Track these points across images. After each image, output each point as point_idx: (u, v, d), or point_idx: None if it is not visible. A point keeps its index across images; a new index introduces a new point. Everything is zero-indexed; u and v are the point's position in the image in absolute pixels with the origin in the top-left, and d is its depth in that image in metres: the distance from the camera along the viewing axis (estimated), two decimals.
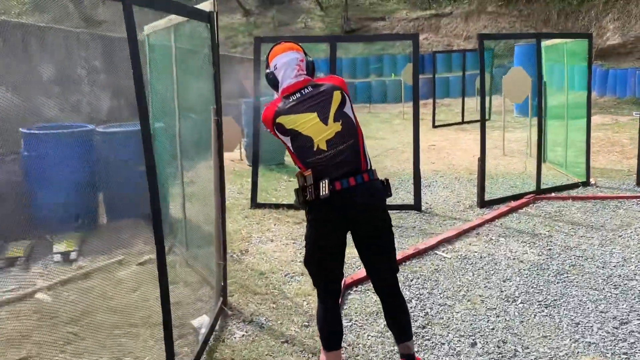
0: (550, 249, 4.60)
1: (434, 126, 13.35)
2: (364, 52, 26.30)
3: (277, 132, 2.50)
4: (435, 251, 4.61)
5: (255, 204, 6.02)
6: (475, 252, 4.58)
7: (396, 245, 2.68)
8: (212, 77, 3.37)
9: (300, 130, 2.44)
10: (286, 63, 2.54)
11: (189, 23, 3.70)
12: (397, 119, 15.69)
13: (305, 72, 2.57)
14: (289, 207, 5.98)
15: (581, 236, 4.91)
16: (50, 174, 4.68)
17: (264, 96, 6.38)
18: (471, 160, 8.79)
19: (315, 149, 2.43)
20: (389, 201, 2.73)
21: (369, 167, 2.52)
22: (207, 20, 3.29)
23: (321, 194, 2.35)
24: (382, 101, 20.28)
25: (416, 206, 5.84)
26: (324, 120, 2.43)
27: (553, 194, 6.31)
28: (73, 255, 4.45)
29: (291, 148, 2.51)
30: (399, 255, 4.42)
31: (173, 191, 4.77)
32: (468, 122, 13.45)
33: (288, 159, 8.89)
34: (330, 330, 2.61)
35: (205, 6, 3.35)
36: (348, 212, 2.43)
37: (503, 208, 5.70)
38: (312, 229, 2.53)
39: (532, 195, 6.08)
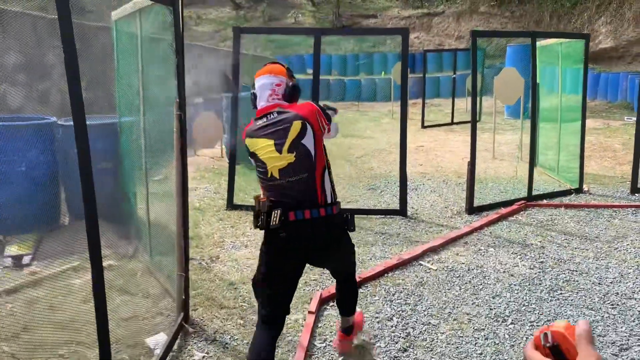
0: (542, 262, 4.30)
1: (423, 126, 13.06)
2: (354, 49, 25.97)
3: (247, 152, 2.50)
4: (420, 261, 4.29)
5: (231, 206, 5.67)
6: (463, 263, 4.27)
7: (380, 254, 2.97)
8: (175, 67, 3.02)
9: (258, 155, 2.42)
10: (262, 86, 2.51)
11: (154, 8, 3.35)
12: (386, 117, 15.40)
13: (279, 97, 2.49)
14: None
15: (575, 248, 4.63)
16: (4, 169, 4.29)
17: (244, 90, 6.03)
18: (460, 162, 8.50)
19: (269, 175, 2.40)
20: (375, 205, 2.41)
21: (328, 201, 2.42)
22: (170, 3, 2.93)
23: (271, 223, 2.32)
24: (371, 99, 20.01)
25: (402, 211, 5.53)
26: (279, 149, 2.37)
27: (545, 201, 6.03)
28: (26, 260, 4.07)
29: (257, 170, 2.48)
30: (382, 266, 4.11)
31: (141, 190, 4.40)
32: (458, 123, 13.19)
33: None
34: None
35: None
36: (301, 245, 2.39)
37: (492, 215, 5.41)
38: (265, 255, 2.46)
39: (523, 201, 5.79)
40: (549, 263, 4.28)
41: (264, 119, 2.42)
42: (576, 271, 4.12)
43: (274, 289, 2.43)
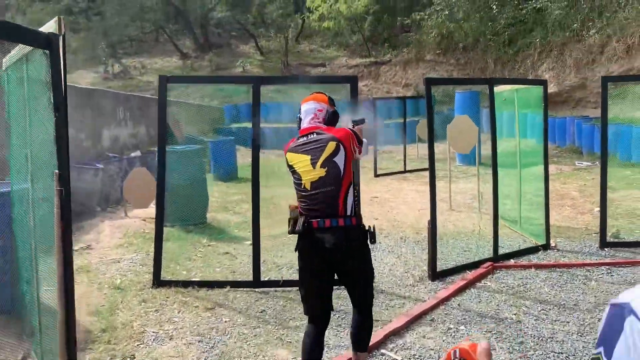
0: (522, 342, 3.68)
1: (376, 175, 12.59)
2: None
3: (286, 165, 2.96)
4: (383, 350, 3.59)
5: (158, 282, 4.82)
6: (432, 349, 3.60)
7: (333, 341, 3.31)
8: (54, 128, 2.29)
9: (296, 168, 2.89)
10: (307, 110, 2.99)
11: (38, 52, 2.63)
12: None
13: (319, 120, 2.96)
14: (202, 285, 4.84)
15: (555, 320, 4.04)
16: None
17: (189, 143, 5.30)
18: (417, 215, 7.96)
19: (302, 186, 2.87)
20: None
21: (348, 214, 2.81)
22: (46, 47, 2.23)
23: (297, 227, 2.77)
24: None
25: None
26: (313, 164, 2.82)
27: (512, 261, 5.49)
28: None
29: (294, 180, 2.95)
30: None
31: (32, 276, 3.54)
32: (411, 171, 12.81)
33: (212, 215, 7.77)
34: (307, 358, 2.82)
35: (48, 27, 2.30)
36: (321, 250, 2.76)
37: (459, 282, 4.79)
38: (299, 259, 2.93)
39: (489, 263, 5.23)
40: (529, 344, 3.66)
41: (304, 138, 2.89)
42: (562, 353, 3.51)
43: (306, 288, 2.92)
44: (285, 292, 4.76)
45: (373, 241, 2.90)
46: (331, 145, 2.80)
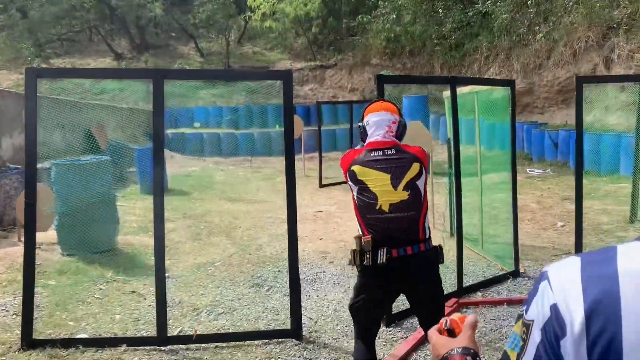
0: None
1: (321, 185, 11.65)
2: (246, 101, 24.61)
3: (348, 177, 2.67)
4: None
5: (28, 342, 3.60)
6: None
7: None
8: None
9: (369, 185, 2.59)
10: (377, 122, 2.70)
11: None
12: (281, 175, 13.83)
13: (394, 134, 2.69)
14: (89, 343, 3.67)
15: None
16: None
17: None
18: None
19: (377, 207, 2.56)
20: (257, 317, 3.58)
21: (427, 237, 2.63)
22: None
23: (378, 261, 2.48)
24: (266, 154, 18.56)
25: (294, 332, 3.82)
26: (395, 185, 2.57)
27: (480, 295, 4.62)
28: None
29: (355, 198, 2.65)
30: None
31: None
32: None
33: (126, 239, 6.55)
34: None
35: None
36: (400, 281, 2.59)
37: (420, 329, 3.85)
38: (362, 290, 2.67)
39: (454, 300, 4.33)
40: None
41: (379, 153, 2.62)
42: None
43: (364, 315, 2.69)
44: (200, 352, 3.67)
45: (442, 261, 2.71)
46: (415, 167, 2.61)
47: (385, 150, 2.62)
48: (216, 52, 30.05)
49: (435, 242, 2.70)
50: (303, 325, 3.99)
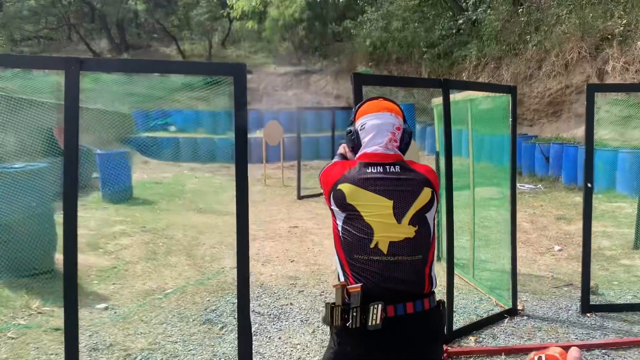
0: None
1: (300, 197, 10.88)
2: (226, 105, 23.81)
3: (331, 198, 1.92)
4: None
5: None
6: None
7: None
8: None
9: (362, 213, 1.86)
10: (378, 126, 1.98)
11: None
12: (257, 184, 13.11)
13: (397, 144, 1.99)
14: None
15: None
16: None
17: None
18: None
19: (372, 245, 1.83)
20: None
21: (432, 289, 1.90)
22: None
23: (370, 323, 1.75)
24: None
25: None
26: (398, 216, 1.86)
27: (472, 341, 3.88)
28: None
29: (339, 229, 1.89)
30: None
31: None
32: None
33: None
34: None
35: None
36: (393, 348, 1.81)
37: None
38: (336, 356, 1.88)
39: (444, 347, 3.58)
40: None
41: (379, 169, 1.90)
42: None
43: None
44: None
45: (444, 322, 2.08)
46: (426, 193, 1.91)
47: (388, 167, 1.92)
48: (198, 55, 29.26)
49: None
50: None
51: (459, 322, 4.17)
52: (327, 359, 1.96)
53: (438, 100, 6.25)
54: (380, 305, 1.76)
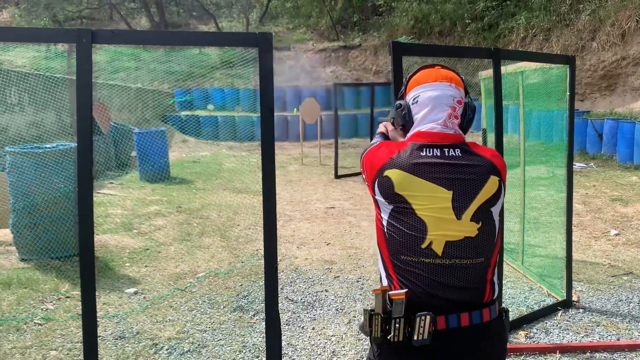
0: None
1: (337, 176, 10.61)
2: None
3: (375, 186, 1.60)
4: None
5: None
6: None
7: None
8: None
9: (413, 206, 1.54)
10: (434, 99, 1.62)
11: None
12: (294, 163, 12.90)
13: (459, 122, 1.64)
14: None
15: None
16: None
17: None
18: None
19: (424, 245, 1.53)
20: None
21: (494, 297, 1.58)
22: None
23: (415, 337, 1.47)
24: (282, 139, 17.68)
25: None
26: (458, 211, 1.54)
27: (522, 336, 3.55)
28: None
29: (384, 223, 1.60)
30: None
31: None
32: None
33: (102, 239, 5.65)
34: None
35: None
36: None
37: None
38: None
39: None
40: None
41: (436, 152, 1.57)
42: None
43: None
44: None
45: (507, 338, 1.69)
46: (493, 183, 1.56)
47: (446, 150, 1.59)
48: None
49: None
50: None
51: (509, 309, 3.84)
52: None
53: (486, 73, 5.82)
54: (428, 317, 1.48)
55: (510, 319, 3.69)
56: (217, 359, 3.27)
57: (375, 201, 1.66)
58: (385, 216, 1.61)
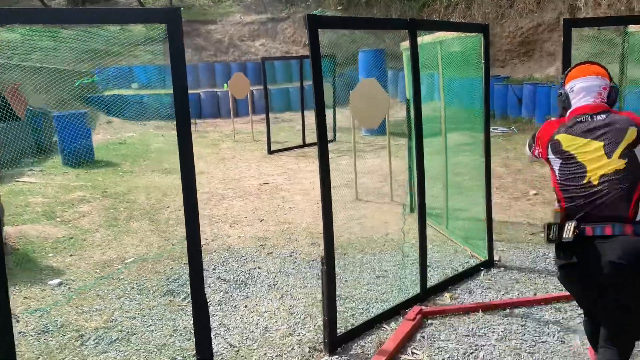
0: None
1: (270, 152, 10.54)
2: (193, 58, 22.94)
3: (549, 150, 2.35)
4: None
5: None
6: None
7: None
8: None
9: (575, 155, 2.27)
10: (586, 88, 2.37)
11: None
12: (228, 140, 12.71)
13: (605, 100, 2.37)
14: None
15: None
16: None
17: None
18: (314, 211, 6.06)
19: (584, 181, 2.23)
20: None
21: (636, 218, 2.14)
22: None
23: (564, 235, 2.17)
24: (214, 115, 17.35)
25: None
26: (609, 153, 2.21)
27: (447, 298, 3.71)
28: None
29: (557, 173, 2.33)
30: None
31: None
32: (311, 145, 10.88)
33: (21, 230, 5.35)
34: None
35: None
36: (594, 271, 2.14)
37: (373, 357, 2.90)
38: (561, 271, 2.35)
39: (417, 309, 3.40)
40: None
41: (587, 118, 2.29)
42: None
43: (578, 297, 2.44)
44: None
45: None
46: (632, 132, 2.20)
47: (595, 116, 2.29)
48: (159, 5, 27.88)
49: (393, 219, 1.91)
50: (218, 358, 3.00)
51: (433, 277, 4.00)
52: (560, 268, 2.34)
53: (406, 44, 5.91)
54: (573, 223, 2.15)
55: (436, 282, 3.85)
56: (147, 345, 3.22)
57: (548, 160, 2.36)
58: (556, 167, 2.32)
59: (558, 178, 2.30)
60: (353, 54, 15.14)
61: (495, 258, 4.33)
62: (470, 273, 4.07)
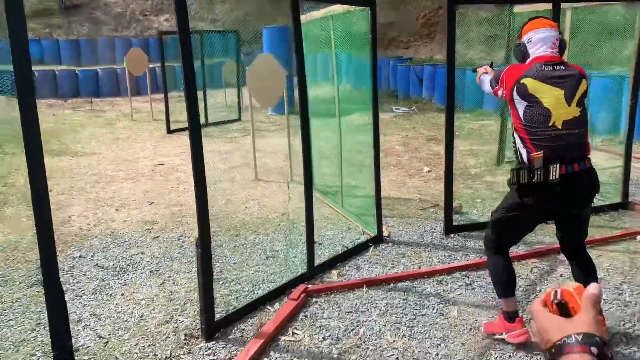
0: None
1: (169, 131, 10.08)
2: (91, 33, 21.51)
3: (514, 92, 2.58)
4: None
5: None
6: None
7: None
8: None
9: (541, 100, 2.53)
10: (543, 39, 2.62)
11: None
12: (125, 119, 12.03)
13: (557, 50, 2.64)
14: None
15: None
16: None
17: None
18: (211, 192, 5.81)
19: (550, 123, 2.52)
20: None
21: (589, 155, 2.61)
22: None
23: (550, 177, 2.48)
24: (114, 94, 16.35)
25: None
26: (568, 100, 2.53)
27: (334, 275, 3.68)
28: None
29: (521, 115, 2.58)
30: None
31: None
32: (215, 124, 10.53)
33: None
34: (510, 278, 2.76)
35: None
36: (562, 196, 2.52)
37: (252, 343, 2.79)
38: (515, 207, 2.66)
39: (302, 287, 3.33)
40: None
41: (549, 67, 2.55)
42: None
43: (511, 223, 2.72)
44: None
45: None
46: (584, 84, 2.58)
47: (555, 66, 2.56)
48: None
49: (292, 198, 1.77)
50: (84, 351, 2.76)
51: (323, 255, 3.95)
52: (508, 203, 2.70)
53: (303, 18, 5.78)
54: (558, 165, 2.45)
55: (324, 261, 3.80)
56: (3, 342, 2.90)
57: (512, 101, 2.59)
58: (521, 109, 2.56)
59: (523, 120, 2.55)
60: (258, 31, 14.81)
61: (385, 233, 4.37)
62: (359, 249, 4.07)
